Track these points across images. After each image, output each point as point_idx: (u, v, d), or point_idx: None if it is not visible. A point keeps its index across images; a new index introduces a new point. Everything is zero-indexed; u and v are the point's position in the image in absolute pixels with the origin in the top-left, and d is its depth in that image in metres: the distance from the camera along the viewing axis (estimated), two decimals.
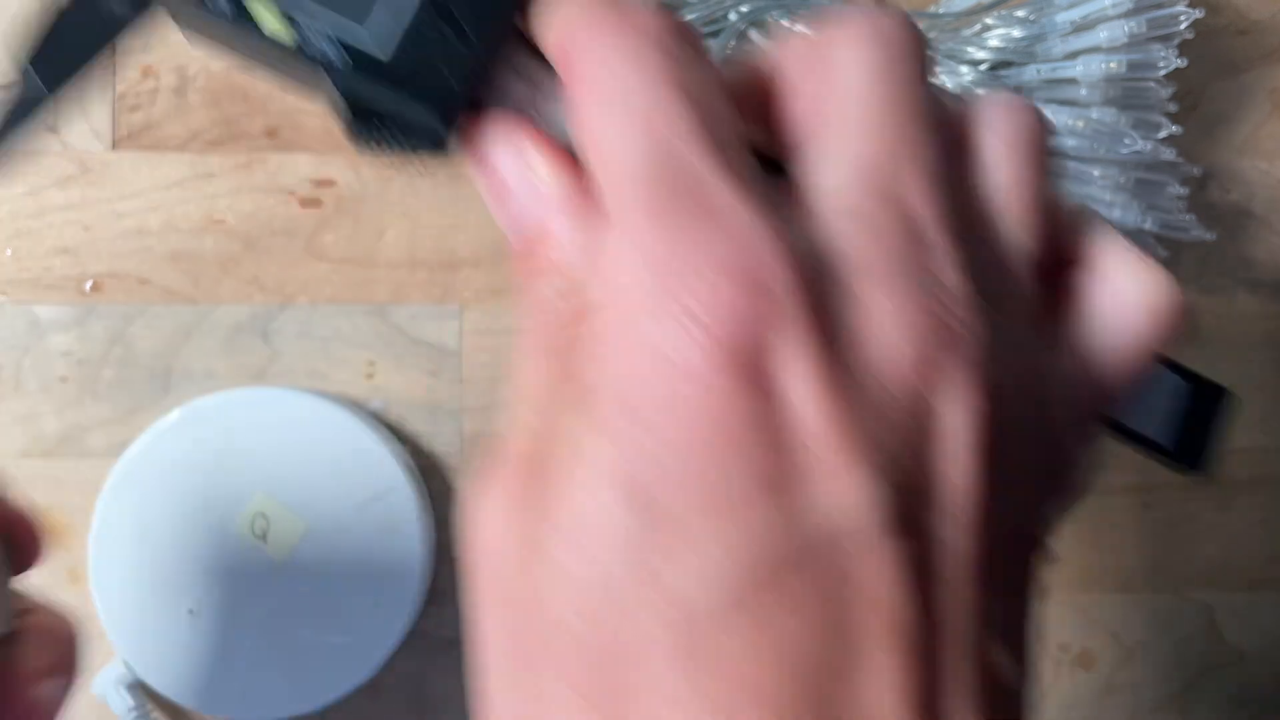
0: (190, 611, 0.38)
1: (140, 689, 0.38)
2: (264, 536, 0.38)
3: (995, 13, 0.39)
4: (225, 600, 0.38)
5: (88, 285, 0.40)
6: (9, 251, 0.40)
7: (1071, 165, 0.38)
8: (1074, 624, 0.42)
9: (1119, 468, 0.42)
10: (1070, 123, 0.37)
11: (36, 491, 0.40)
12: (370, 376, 0.41)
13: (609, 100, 0.19)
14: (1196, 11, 0.38)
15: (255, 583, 0.38)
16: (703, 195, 0.18)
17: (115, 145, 0.40)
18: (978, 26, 0.39)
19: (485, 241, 0.41)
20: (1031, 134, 0.21)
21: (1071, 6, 0.38)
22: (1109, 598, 0.42)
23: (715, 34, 0.39)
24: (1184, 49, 0.38)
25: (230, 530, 0.38)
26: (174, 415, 0.39)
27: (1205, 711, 0.42)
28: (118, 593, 0.38)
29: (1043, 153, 0.21)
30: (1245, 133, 0.43)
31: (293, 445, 0.39)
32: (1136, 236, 0.39)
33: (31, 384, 0.40)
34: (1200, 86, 0.43)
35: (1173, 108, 0.39)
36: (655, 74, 0.19)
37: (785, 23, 0.39)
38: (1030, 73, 0.38)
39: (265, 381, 0.40)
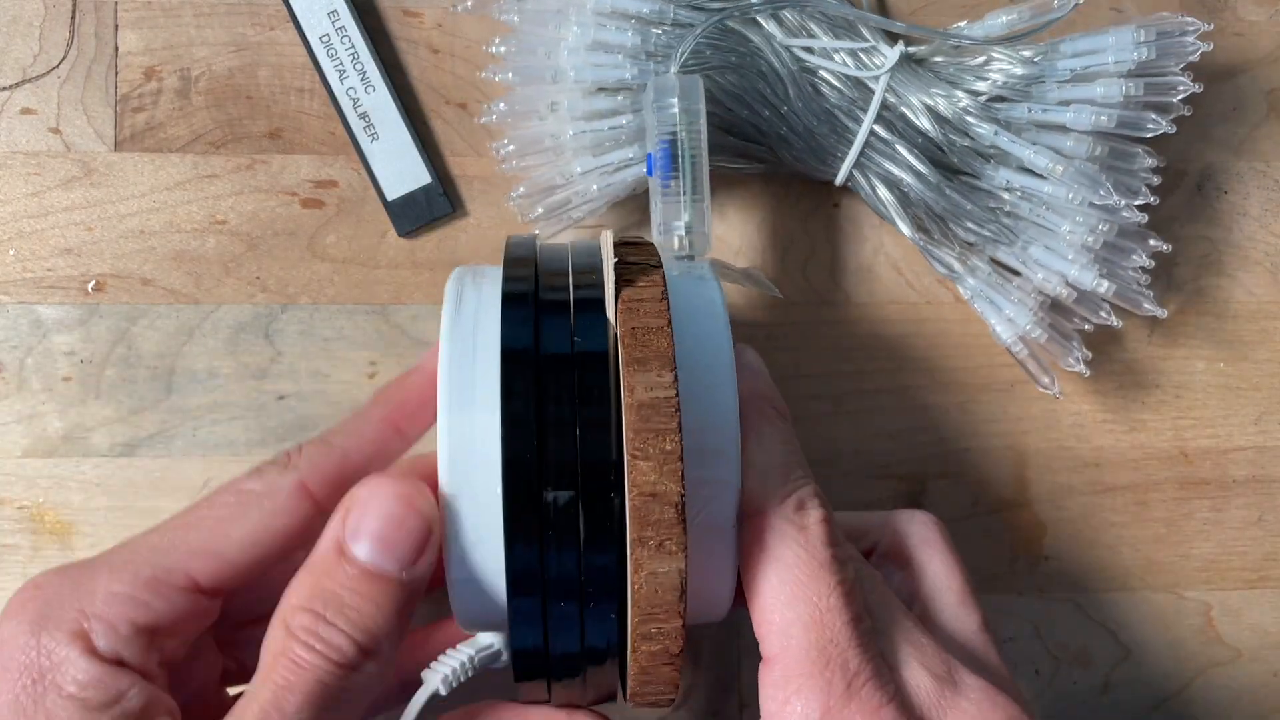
0: None
1: None
2: None
3: (1003, 47, 0.39)
4: None
5: (90, 285, 0.40)
6: (12, 252, 0.40)
7: (1041, 215, 0.38)
8: (1071, 622, 0.42)
9: (1115, 467, 0.42)
10: (1049, 165, 0.38)
11: (39, 492, 0.40)
12: (372, 376, 0.41)
13: None
14: (1195, 86, 0.38)
15: None
16: None
17: (118, 146, 0.41)
18: (983, 58, 0.40)
19: (486, 242, 0.41)
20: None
21: (1075, 56, 0.38)
22: (1106, 596, 0.42)
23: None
24: None
25: None
26: None
27: (1202, 710, 0.42)
28: None
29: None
30: (1242, 134, 0.43)
31: None
32: (1089, 300, 0.39)
33: (35, 384, 0.40)
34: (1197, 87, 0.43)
35: (1155, 180, 0.39)
36: None
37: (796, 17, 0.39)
38: (1021, 110, 0.39)
39: (267, 381, 0.40)
